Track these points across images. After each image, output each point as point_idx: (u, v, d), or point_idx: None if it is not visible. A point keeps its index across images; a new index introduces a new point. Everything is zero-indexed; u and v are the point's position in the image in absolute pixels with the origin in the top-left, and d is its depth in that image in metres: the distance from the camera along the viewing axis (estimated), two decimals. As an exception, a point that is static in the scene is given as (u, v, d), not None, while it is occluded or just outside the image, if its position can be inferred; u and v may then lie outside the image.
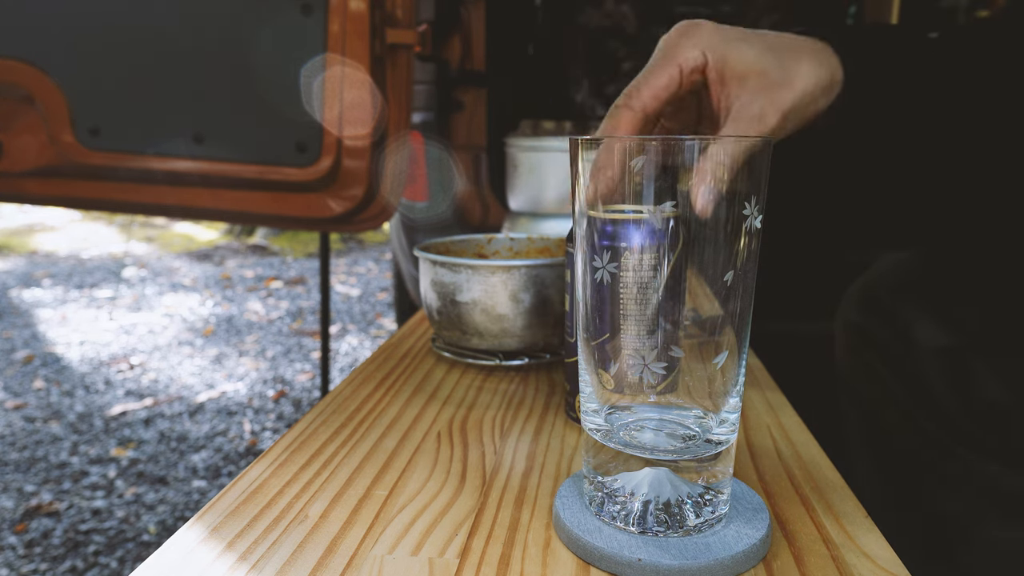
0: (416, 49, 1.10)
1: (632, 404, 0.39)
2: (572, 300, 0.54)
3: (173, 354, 2.92)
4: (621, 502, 0.38)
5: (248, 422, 2.25)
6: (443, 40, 1.47)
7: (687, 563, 0.35)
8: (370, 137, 1.07)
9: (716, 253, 0.35)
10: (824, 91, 0.46)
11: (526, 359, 0.69)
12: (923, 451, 0.67)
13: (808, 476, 0.47)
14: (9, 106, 1.10)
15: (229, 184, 1.10)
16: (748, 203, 0.35)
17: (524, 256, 0.81)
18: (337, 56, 1.04)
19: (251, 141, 1.10)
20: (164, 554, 0.38)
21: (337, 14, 1.03)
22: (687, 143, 0.34)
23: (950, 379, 0.65)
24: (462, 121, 1.48)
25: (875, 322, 0.72)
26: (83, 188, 1.14)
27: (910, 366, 0.68)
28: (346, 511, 0.42)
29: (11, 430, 2.18)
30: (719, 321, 0.36)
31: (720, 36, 0.44)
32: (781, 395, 0.63)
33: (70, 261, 4.95)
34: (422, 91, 1.48)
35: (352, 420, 0.57)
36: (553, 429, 0.56)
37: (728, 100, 0.44)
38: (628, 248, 0.36)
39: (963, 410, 0.64)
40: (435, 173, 1.51)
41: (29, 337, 3.15)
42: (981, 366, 0.63)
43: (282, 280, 4.37)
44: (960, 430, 0.64)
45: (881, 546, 0.39)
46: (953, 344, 0.65)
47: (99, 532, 1.63)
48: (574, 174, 0.38)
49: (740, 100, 0.43)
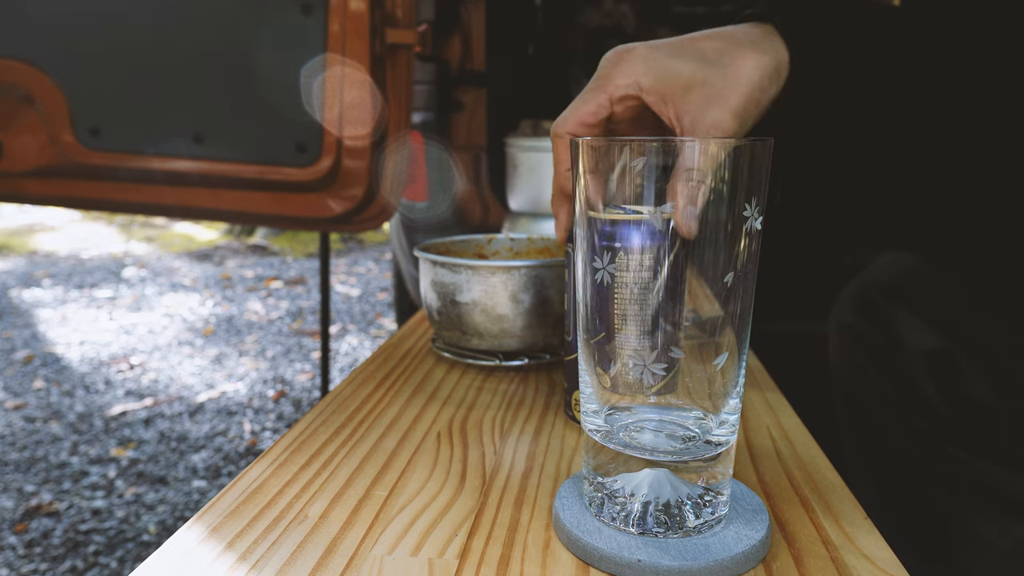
0: (416, 49, 1.10)
1: (632, 405, 0.39)
2: (572, 300, 0.55)
3: (173, 354, 2.92)
4: (621, 503, 0.38)
5: (248, 422, 2.25)
6: (443, 40, 1.47)
7: (687, 564, 0.35)
8: (370, 137, 1.07)
9: (716, 254, 0.35)
10: (772, 79, 0.45)
11: (526, 359, 0.69)
12: (915, 450, 0.67)
13: (808, 477, 0.47)
14: (9, 106, 1.10)
15: (229, 184, 1.10)
16: (748, 204, 0.35)
17: (524, 256, 0.81)
18: (337, 56, 1.04)
19: (251, 141, 1.10)
20: (164, 554, 0.38)
21: (337, 14, 1.03)
22: (687, 144, 0.34)
23: (939, 381, 0.65)
24: (462, 121, 1.48)
25: (867, 324, 0.73)
26: (83, 188, 1.14)
27: (901, 367, 0.69)
28: (346, 511, 0.42)
29: (11, 430, 2.18)
30: (719, 322, 0.36)
31: (651, 59, 0.45)
32: (781, 396, 0.63)
33: (70, 261, 4.95)
34: (422, 91, 1.48)
35: (352, 420, 0.57)
36: (553, 429, 0.56)
37: (678, 116, 0.44)
38: (628, 248, 0.36)
39: (953, 410, 0.65)
40: (435, 173, 1.51)
41: (29, 337, 3.15)
42: (969, 368, 0.64)
43: (282, 280, 4.37)
44: (951, 429, 0.64)
45: (880, 547, 0.39)
46: (942, 347, 0.65)
47: (99, 532, 1.63)
48: (574, 175, 0.38)
49: (690, 115, 0.44)
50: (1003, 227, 0.68)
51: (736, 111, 0.44)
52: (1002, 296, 0.67)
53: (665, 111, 0.45)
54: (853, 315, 0.75)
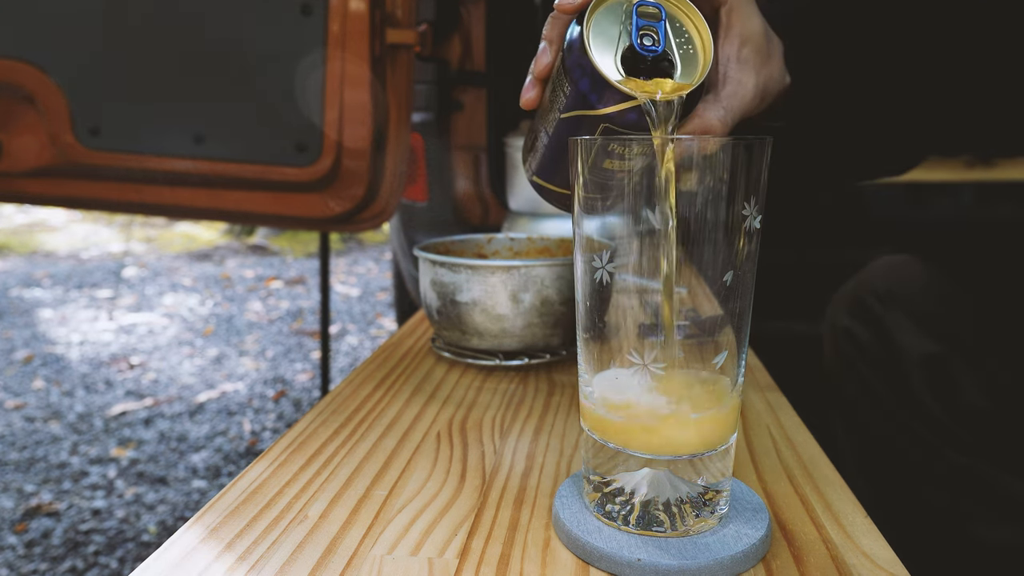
0: (416, 49, 1.10)
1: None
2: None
3: (173, 354, 2.92)
4: (621, 502, 0.38)
5: (248, 422, 2.25)
6: (443, 40, 1.47)
7: (687, 563, 0.35)
8: (370, 137, 1.07)
9: (715, 253, 0.35)
10: (776, 95, 0.46)
11: (526, 359, 0.69)
12: (910, 452, 0.67)
13: (808, 476, 0.47)
14: (9, 106, 1.10)
15: (229, 184, 1.10)
16: (747, 203, 0.35)
17: (524, 256, 0.81)
18: (337, 56, 1.04)
19: (251, 141, 1.10)
20: (164, 554, 0.38)
21: (337, 14, 1.03)
22: (686, 144, 0.34)
23: (934, 384, 0.66)
24: (462, 121, 1.48)
25: (862, 327, 0.73)
26: (83, 188, 1.14)
27: (895, 370, 0.69)
28: (346, 511, 0.42)
29: (11, 430, 2.18)
30: (718, 321, 0.36)
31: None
32: (781, 395, 0.63)
33: (70, 261, 4.95)
34: (422, 91, 1.48)
35: (352, 420, 0.57)
36: (553, 429, 0.56)
37: (729, 24, 0.43)
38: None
39: (947, 413, 0.65)
40: (435, 173, 1.50)
41: (29, 337, 3.15)
42: (963, 372, 0.64)
43: (282, 280, 4.37)
44: (946, 431, 0.65)
45: (881, 546, 0.39)
46: (937, 350, 0.66)
47: (99, 532, 1.63)
48: (574, 174, 0.38)
49: (738, 65, 0.43)
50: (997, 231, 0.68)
51: (759, 93, 0.44)
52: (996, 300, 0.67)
53: (721, 34, 0.44)
54: (847, 317, 0.75)
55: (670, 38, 0.40)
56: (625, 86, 0.38)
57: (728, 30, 0.43)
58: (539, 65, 0.43)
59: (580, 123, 0.41)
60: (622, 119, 0.39)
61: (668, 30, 0.39)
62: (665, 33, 0.39)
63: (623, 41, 0.39)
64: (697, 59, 0.40)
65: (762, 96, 0.45)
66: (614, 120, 0.39)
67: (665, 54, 0.39)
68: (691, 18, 0.40)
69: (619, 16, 0.39)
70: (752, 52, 0.44)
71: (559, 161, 0.45)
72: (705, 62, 0.40)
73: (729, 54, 0.43)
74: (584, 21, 0.39)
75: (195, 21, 1.07)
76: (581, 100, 0.40)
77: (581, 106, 0.40)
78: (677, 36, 0.40)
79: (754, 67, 0.44)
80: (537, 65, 0.43)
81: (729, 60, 0.43)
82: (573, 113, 0.41)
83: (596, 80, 0.38)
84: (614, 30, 0.39)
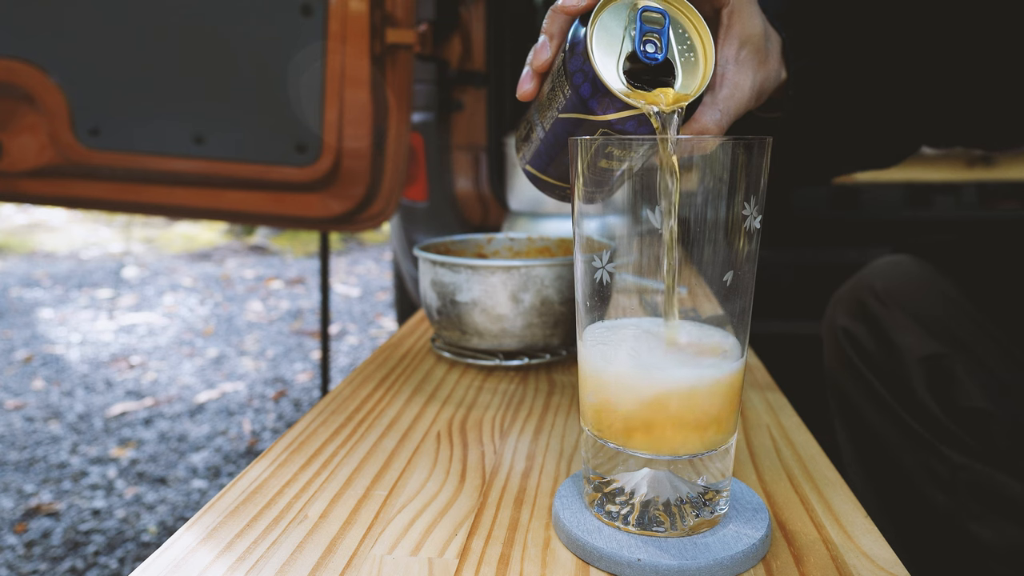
0: (416, 49, 1.10)
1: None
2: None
3: (173, 354, 2.92)
4: (620, 502, 0.38)
5: (248, 422, 2.25)
6: (443, 40, 1.47)
7: (686, 563, 0.35)
8: (370, 137, 1.07)
9: (715, 253, 0.35)
10: (771, 90, 0.47)
11: (526, 359, 0.69)
12: (910, 452, 0.67)
13: (808, 476, 0.47)
14: (9, 106, 1.10)
15: (229, 184, 1.10)
16: (747, 203, 0.35)
17: (524, 256, 0.81)
18: (337, 56, 1.04)
19: (251, 141, 1.10)
20: (164, 554, 0.38)
21: (337, 14, 1.03)
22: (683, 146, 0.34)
23: (934, 385, 0.66)
24: (462, 121, 1.48)
25: (861, 327, 0.73)
26: (83, 188, 1.14)
27: (895, 371, 0.69)
28: (346, 511, 0.42)
29: (11, 430, 2.18)
30: (718, 321, 0.36)
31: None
32: (781, 395, 0.63)
33: (70, 261, 4.95)
34: (422, 91, 1.48)
35: (352, 420, 0.57)
36: (553, 429, 0.56)
37: (729, 24, 0.43)
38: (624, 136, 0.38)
39: (947, 414, 0.65)
40: (435, 173, 1.51)
41: (29, 337, 3.15)
42: (964, 373, 0.64)
43: (282, 280, 4.37)
44: (946, 432, 0.65)
45: (881, 546, 0.39)
46: (937, 351, 0.66)
47: (99, 532, 1.63)
48: (574, 174, 0.38)
49: (735, 67, 0.44)
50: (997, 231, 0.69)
51: (755, 94, 0.44)
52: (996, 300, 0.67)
53: (722, 30, 0.44)
54: (847, 318, 0.75)
55: (672, 46, 0.39)
56: (627, 97, 0.38)
57: (728, 31, 0.43)
58: (538, 59, 0.43)
59: (578, 125, 0.41)
60: (621, 126, 0.39)
61: (671, 37, 0.39)
62: (668, 40, 0.39)
63: (626, 47, 0.39)
64: (698, 68, 0.40)
65: (758, 96, 0.45)
66: (613, 126, 0.40)
67: (667, 62, 0.39)
68: (694, 24, 0.40)
69: (623, 19, 0.39)
70: (750, 54, 0.44)
71: (554, 155, 0.45)
72: (706, 73, 0.40)
73: (728, 56, 0.43)
74: (588, 24, 0.39)
75: (195, 21, 1.07)
76: (581, 105, 0.40)
77: (581, 110, 0.40)
78: (680, 43, 0.40)
79: (751, 68, 0.44)
80: (536, 59, 0.43)
81: (727, 62, 0.43)
82: (572, 115, 0.41)
83: (597, 87, 0.38)
84: (617, 34, 0.39)
